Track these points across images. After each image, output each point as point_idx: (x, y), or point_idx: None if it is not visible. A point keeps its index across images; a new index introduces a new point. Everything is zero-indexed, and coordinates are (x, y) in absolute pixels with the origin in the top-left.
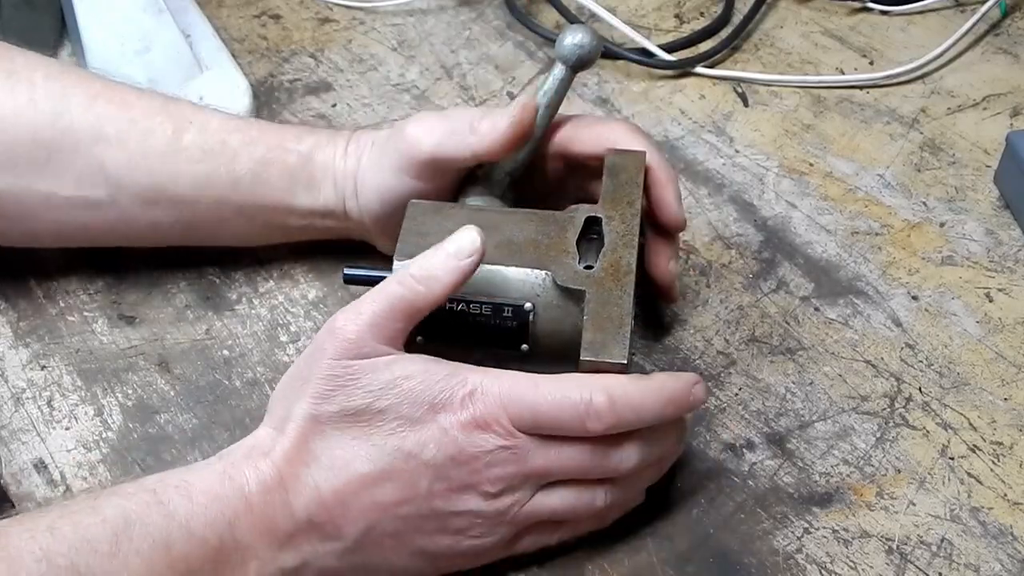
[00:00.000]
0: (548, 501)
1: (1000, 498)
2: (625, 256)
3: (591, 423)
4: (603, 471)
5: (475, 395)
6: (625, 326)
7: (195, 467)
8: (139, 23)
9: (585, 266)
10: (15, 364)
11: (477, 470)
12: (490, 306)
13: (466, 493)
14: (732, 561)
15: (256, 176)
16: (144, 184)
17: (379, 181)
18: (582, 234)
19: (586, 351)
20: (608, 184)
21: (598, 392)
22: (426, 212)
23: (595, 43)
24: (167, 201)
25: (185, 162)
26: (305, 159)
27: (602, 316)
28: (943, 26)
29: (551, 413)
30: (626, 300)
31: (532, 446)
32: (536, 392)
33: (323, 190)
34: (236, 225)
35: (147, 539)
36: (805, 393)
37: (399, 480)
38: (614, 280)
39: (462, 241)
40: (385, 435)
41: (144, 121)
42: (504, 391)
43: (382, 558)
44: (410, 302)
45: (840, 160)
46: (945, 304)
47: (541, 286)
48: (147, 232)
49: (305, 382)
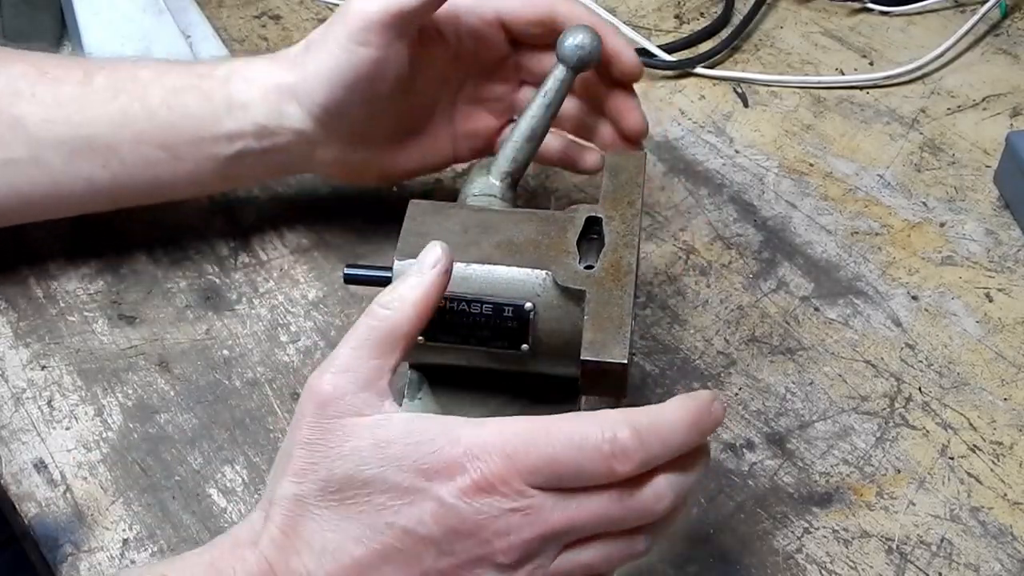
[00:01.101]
0: (579, 559)
1: (1000, 498)
2: (626, 256)
3: (619, 464)
4: (638, 518)
5: (473, 453)
6: (625, 326)
7: (184, 557)
8: (139, 23)
9: (586, 266)
10: (15, 364)
11: (487, 540)
12: (490, 306)
13: (478, 568)
14: (732, 561)
15: (171, 106)
16: (62, 134)
17: (327, 68)
18: (582, 234)
19: (586, 351)
20: (608, 184)
21: (621, 427)
22: (426, 212)
23: (595, 44)
24: (89, 149)
25: (99, 103)
26: (221, 82)
27: (602, 316)
28: (943, 26)
29: (571, 460)
30: (626, 300)
31: (548, 503)
32: (549, 438)
33: (250, 108)
34: (166, 168)
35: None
36: (805, 393)
37: (397, 562)
38: (614, 280)
39: (425, 257)
40: (375, 511)
41: (55, 71)
42: (510, 443)
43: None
44: (381, 331)
45: (840, 160)
46: (945, 304)
47: (541, 286)
48: (76, 191)
49: (287, 457)
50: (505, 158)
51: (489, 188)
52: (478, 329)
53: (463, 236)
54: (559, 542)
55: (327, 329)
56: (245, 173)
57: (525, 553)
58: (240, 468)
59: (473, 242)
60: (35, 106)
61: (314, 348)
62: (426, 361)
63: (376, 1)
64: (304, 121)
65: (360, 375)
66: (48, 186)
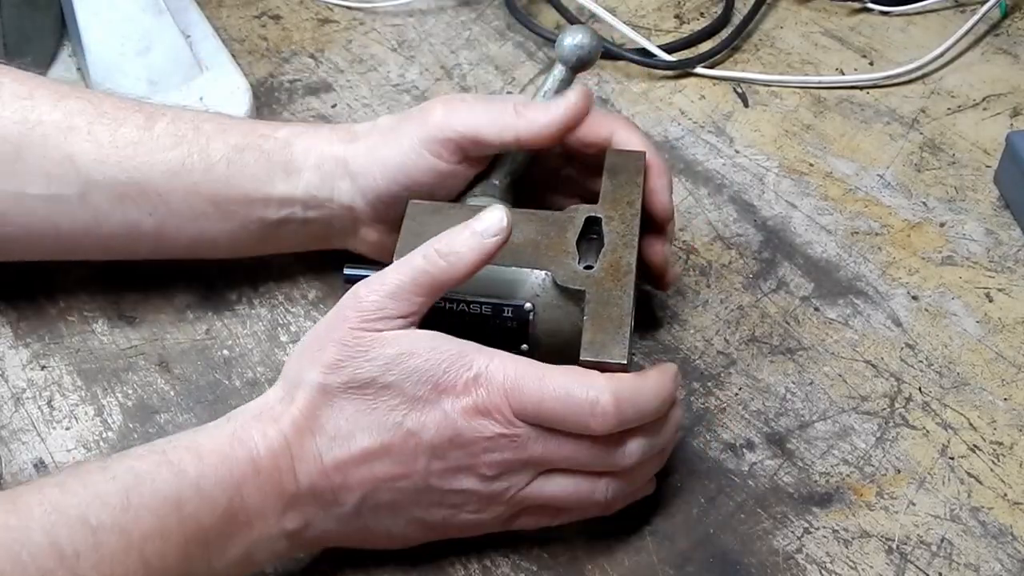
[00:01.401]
0: (547, 487)
1: (1000, 498)
2: (625, 256)
3: (595, 424)
4: (604, 466)
5: (479, 380)
6: (625, 326)
7: (205, 428)
8: (139, 23)
9: (585, 266)
10: (15, 364)
11: (475, 454)
12: (490, 306)
13: (462, 474)
14: (732, 561)
15: (230, 162)
16: (115, 176)
17: (393, 161)
18: (582, 234)
19: (586, 351)
20: (608, 184)
21: (604, 393)
22: (425, 212)
23: (595, 44)
24: (140, 194)
25: (158, 150)
26: (283, 144)
27: (602, 316)
28: (943, 26)
29: (554, 409)
30: (626, 300)
31: (533, 435)
32: (541, 385)
33: (304, 174)
34: (212, 223)
35: (157, 496)
36: (805, 393)
37: (397, 456)
38: (614, 280)
39: (489, 219)
40: (388, 410)
41: (115, 112)
42: (509, 380)
43: (379, 524)
44: (433, 276)
45: (840, 160)
46: (945, 304)
47: (541, 286)
48: (119, 234)
49: (320, 349)
50: (506, 158)
51: (489, 189)
52: (478, 329)
53: None
54: (534, 469)
55: None
56: (286, 240)
57: (504, 470)
58: None
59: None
60: (90, 144)
61: None
62: None
63: (459, 119)
64: (355, 199)
65: (401, 304)
66: (90, 226)
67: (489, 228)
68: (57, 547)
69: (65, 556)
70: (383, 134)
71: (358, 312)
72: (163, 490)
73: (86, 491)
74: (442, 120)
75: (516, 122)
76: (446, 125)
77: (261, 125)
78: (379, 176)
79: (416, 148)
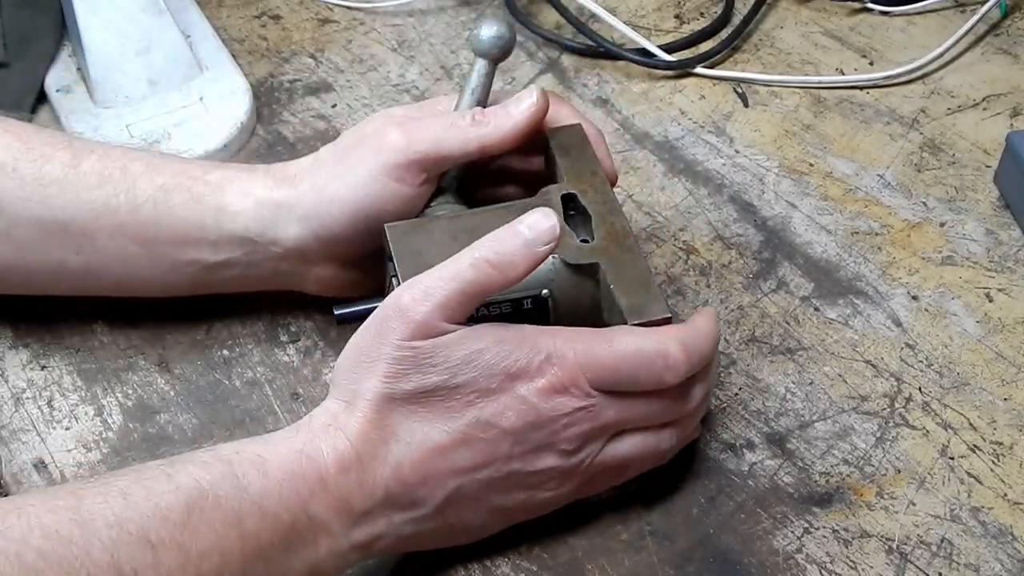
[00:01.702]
0: (619, 449)
1: (1000, 498)
2: (617, 221)
3: (669, 375)
4: (673, 416)
5: (551, 360)
6: (651, 282)
7: (272, 438)
8: (139, 23)
9: (583, 240)
10: (15, 364)
11: (555, 431)
12: (509, 303)
13: (543, 452)
14: (732, 561)
15: (156, 203)
16: (39, 214)
17: (349, 194)
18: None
19: (631, 315)
20: (563, 162)
21: (673, 343)
22: (407, 232)
23: (511, 30)
24: (65, 233)
25: (83, 189)
26: (214, 188)
27: (627, 279)
28: (943, 26)
29: (630, 371)
30: (639, 259)
31: (605, 402)
32: (611, 351)
33: (239, 218)
34: (142, 265)
35: (219, 512)
36: (805, 393)
37: (477, 446)
38: (617, 245)
39: (540, 227)
40: (463, 407)
41: (41, 148)
42: (580, 354)
43: (459, 519)
44: (483, 286)
45: (840, 160)
46: (945, 304)
47: (553, 270)
48: (44, 270)
49: (373, 362)
50: None
51: (442, 196)
52: None
53: (454, 244)
54: (608, 433)
55: (327, 329)
56: (227, 282)
57: (583, 442)
58: None
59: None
60: (14, 182)
61: (314, 348)
62: None
63: (419, 139)
64: (305, 241)
65: (451, 313)
66: (15, 262)
67: (540, 237)
68: (117, 567)
69: (124, 575)
70: (331, 168)
71: (407, 323)
72: (224, 506)
73: (148, 503)
74: (401, 143)
75: (479, 131)
76: (407, 147)
77: (193, 166)
78: (336, 214)
79: (376, 177)
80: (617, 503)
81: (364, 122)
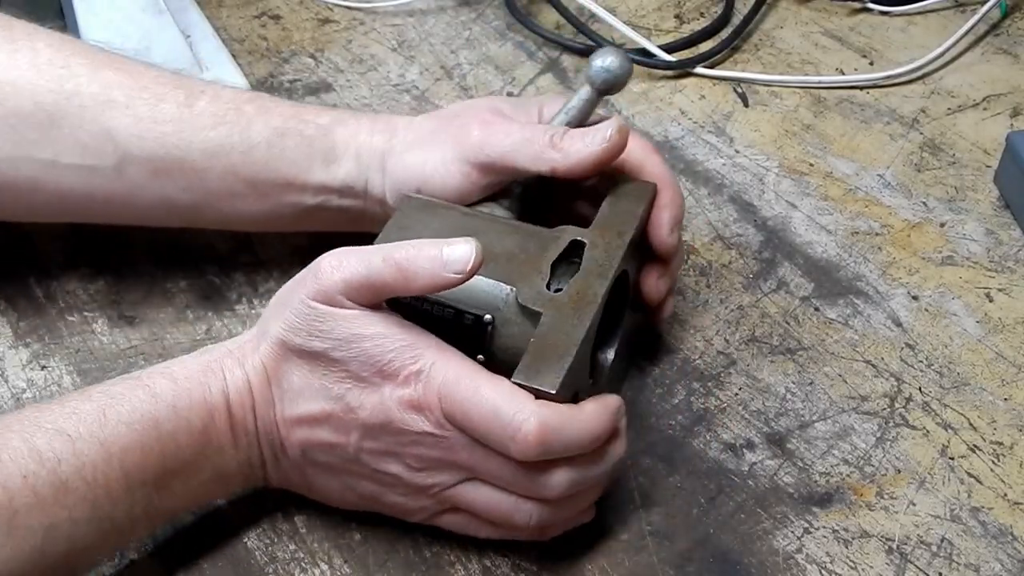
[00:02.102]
0: (472, 495)
1: (1000, 498)
2: (595, 286)
3: (515, 449)
4: (527, 492)
5: (420, 376)
6: (567, 356)
7: (179, 359)
8: (139, 23)
9: (555, 289)
10: (15, 364)
11: (403, 444)
12: (452, 310)
13: (390, 458)
14: (732, 561)
15: (271, 145)
16: (154, 152)
17: (420, 167)
18: (565, 256)
19: (518, 373)
20: (605, 209)
21: (531, 419)
22: (416, 208)
23: (624, 68)
24: (178, 171)
25: (198, 129)
26: (324, 131)
27: (548, 342)
28: (943, 26)
29: (480, 423)
30: (579, 330)
31: (461, 442)
32: (473, 395)
33: (343, 164)
34: (247, 203)
35: (135, 413)
36: (805, 393)
37: (335, 426)
38: (574, 308)
39: (457, 253)
40: (335, 382)
41: (155, 87)
42: (445, 383)
43: (317, 482)
44: (384, 282)
45: (840, 160)
46: (945, 304)
47: (504, 300)
48: (154, 206)
49: (284, 308)
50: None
51: (500, 197)
52: (439, 330)
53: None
54: (462, 472)
55: None
56: (319, 222)
57: (428, 465)
58: None
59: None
60: (129, 119)
61: None
62: None
63: (494, 144)
64: (385, 192)
65: (352, 294)
66: (125, 198)
67: (455, 263)
68: (36, 451)
69: (46, 459)
70: (419, 137)
71: (317, 284)
72: (140, 408)
73: (63, 408)
74: (478, 142)
75: (553, 154)
76: (480, 149)
77: (304, 109)
78: (407, 179)
79: (447, 163)
80: (617, 503)
81: (465, 104)
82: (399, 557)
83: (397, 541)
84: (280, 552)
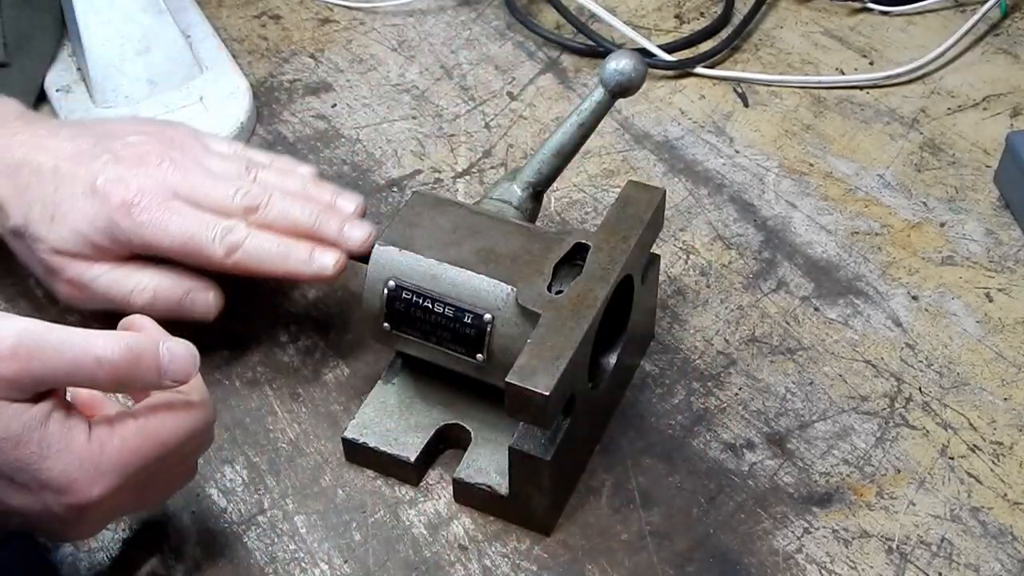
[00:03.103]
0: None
1: (1000, 498)
2: (595, 290)
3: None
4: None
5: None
6: (563, 359)
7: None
8: (139, 23)
9: (556, 291)
10: None
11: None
12: (452, 308)
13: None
14: (732, 561)
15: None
16: None
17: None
18: (568, 258)
19: (513, 373)
20: (612, 213)
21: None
22: (425, 204)
23: (638, 71)
24: None
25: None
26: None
27: (545, 344)
28: (943, 26)
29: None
30: (576, 334)
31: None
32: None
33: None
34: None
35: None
36: (805, 393)
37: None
38: (573, 311)
39: (178, 364)
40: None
41: None
42: (22, 346)
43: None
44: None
45: (840, 160)
46: (945, 304)
47: (504, 300)
48: None
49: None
50: (531, 169)
51: (509, 194)
52: (439, 329)
53: (450, 235)
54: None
55: (327, 329)
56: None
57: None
58: (240, 468)
59: (455, 243)
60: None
61: (314, 348)
62: (396, 348)
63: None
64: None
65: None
66: None
67: (174, 374)
68: None
69: None
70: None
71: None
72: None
73: None
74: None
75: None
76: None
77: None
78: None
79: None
80: (617, 503)
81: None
82: (399, 557)
83: (397, 541)
84: (280, 552)
